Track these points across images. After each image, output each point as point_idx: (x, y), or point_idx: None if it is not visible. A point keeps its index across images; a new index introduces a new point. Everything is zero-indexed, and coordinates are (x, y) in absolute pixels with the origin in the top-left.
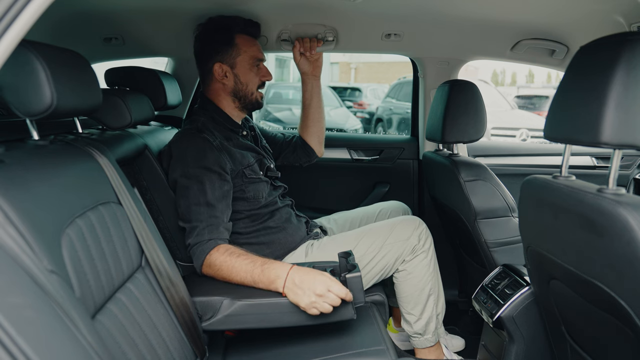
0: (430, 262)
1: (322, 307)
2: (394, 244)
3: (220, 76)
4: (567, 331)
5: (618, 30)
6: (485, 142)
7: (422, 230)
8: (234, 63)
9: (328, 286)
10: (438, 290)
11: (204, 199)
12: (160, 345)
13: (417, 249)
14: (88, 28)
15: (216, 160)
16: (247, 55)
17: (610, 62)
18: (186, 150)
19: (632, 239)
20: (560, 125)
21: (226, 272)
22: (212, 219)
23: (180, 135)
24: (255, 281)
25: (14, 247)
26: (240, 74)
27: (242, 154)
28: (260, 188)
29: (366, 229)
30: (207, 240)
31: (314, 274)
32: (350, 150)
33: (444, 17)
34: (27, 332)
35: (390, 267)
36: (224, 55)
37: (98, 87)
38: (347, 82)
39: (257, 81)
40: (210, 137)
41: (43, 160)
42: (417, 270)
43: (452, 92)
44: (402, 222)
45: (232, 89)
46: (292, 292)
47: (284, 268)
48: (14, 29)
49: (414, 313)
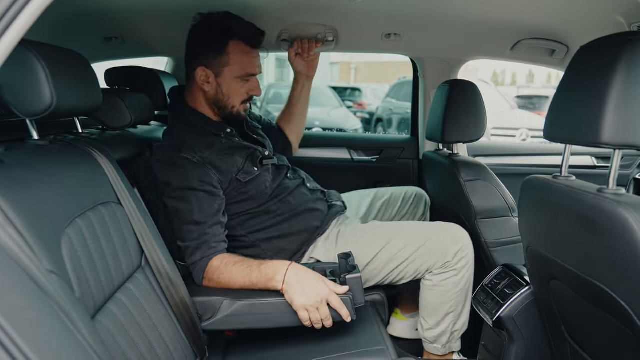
0: (461, 281)
1: (314, 315)
2: (426, 255)
3: (202, 81)
4: (567, 331)
5: (618, 30)
6: (485, 142)
7: (461, 247)
8: (220, 72)
9: (328, 294)
10: (461, 310)
11: (191, 217)
12: (160, 345)
13: (448, 265)
14: (88, 28)
15: (200, 178)
16: (237, 67)
17: (611, 62)
18: (167, 173)
19: (632, 239)
20: (560, 125)
21: (225, 282)
22: (202, 236)
23: (159, 154)
24: (253, 283)
25: (14, 247)
26: (224, 84)
27: (228, 159)
28: (260, 182)
29: (402, 227)
30: (200, 259)
31: (317, 276)
32: (350, 150)
33: (444, 17)
34: (26, 332)
35: (412, 275)
36: (210, 60)
37: (98, 86)
38: (347, 82)
39: (243, 95)
40: (189, 155)
41: (43, 160)
42: (442, 285)
43: (452, 92)
44: (443, 233)
45: (212, 97)
46: (291, 287)
47: (283, 264)
48: (14, 29)
49: (428, 321)
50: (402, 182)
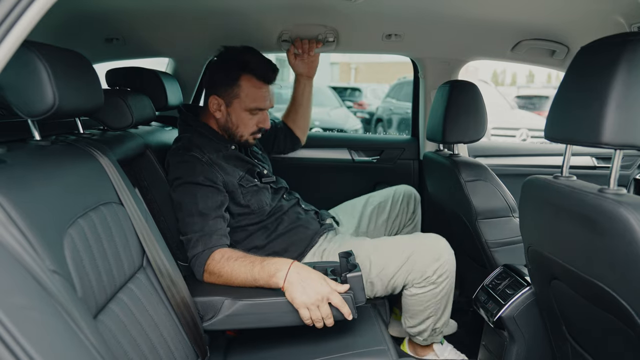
0: (441, 292)
1: (315, 313)
2: (405, 272)
3: (214, 109)
4: (568, 331)
5: (618, 30)
6: (486, 143)
7: (441, 263)
8: (230, 102)
9: (329, 292)
10: (442, 312)
11: (195, 209)
12: (162, 345)
13: (428, 280)
14: (90, 29)
15: (207, 175)
16: (247, 100)
17: (611, 63)
18: (176, 169)
19: (633, 239)
20: (561, 125)
21: (226, 277)
22: (205, 228)
23: (170, 157)
24: (255, 279)
25: (16, 247)
26: (234, 114)
27: (232, 166)
28: (261, 197)
29: (383, 245)
30: (201, 252)
31: (318, 275)
32: (350, 150)
33: (445, 18)
34: (29, 332)
35: (390, 290)
36: (222, 90)
37: (100, 87)
38: (347, 82)
39: (252, 127)
40: (199, 154)
41: (45, 160)
42: (421, 295)
43: (453, 92)
44: (424, 249)
45: (222, 125)
46: (292, 286)
47: (285, 262)
48: (17, 30)
49: (410, 321)
50: (402, 183)
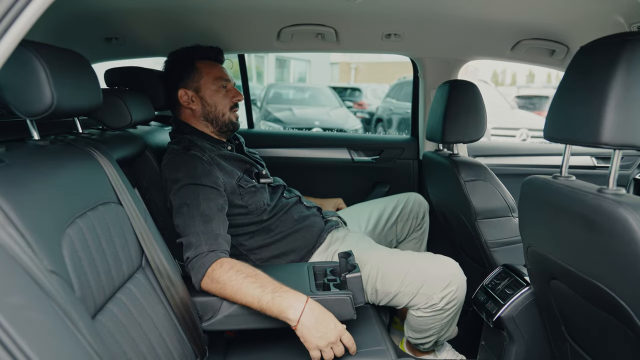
0: (447, 317)
1: (329, 354)
2: (412, 293)
3: (187, 102)
4: (567, 331)
5: (618, 30)
6: (486, 142)
7: (450, 291)
8: (198, 86)
9: (341, 334)
10: (446, 330)
11: (198, 211)
12: (161, 345)
13: (434, 307)
14: (88, 28)
15: (208, 175)
16: (209, 77)
17: (611, 62)
18: (177, 170)
19: (632, 239)
20: (560, 125)
21: (230, 292)
22: (209, 229)
23: (168, 157)
24: (262, 308)
25: (14, 247)
26: (206, 96)
27: (229, 166)
28: (259, 198)
29: (398, 259)
30: (206, 253)
31: (330, 317)
32: (350, 150)
33: (444, 17)
34: (27, 332)
35: (396, 305)
36: (186, 80)
37: (98, 87)
38: (347, 82)
39: (228, 102)
40: (199, 153)
41: (43, 160)
42: (426, 318)
43: (452, 92)
44: (436, 273)
45: (201, 112)
46: (307, 329)
47: (299, 300)
48: (15, 29)
49: (413, 334)
50: (402, 183)
